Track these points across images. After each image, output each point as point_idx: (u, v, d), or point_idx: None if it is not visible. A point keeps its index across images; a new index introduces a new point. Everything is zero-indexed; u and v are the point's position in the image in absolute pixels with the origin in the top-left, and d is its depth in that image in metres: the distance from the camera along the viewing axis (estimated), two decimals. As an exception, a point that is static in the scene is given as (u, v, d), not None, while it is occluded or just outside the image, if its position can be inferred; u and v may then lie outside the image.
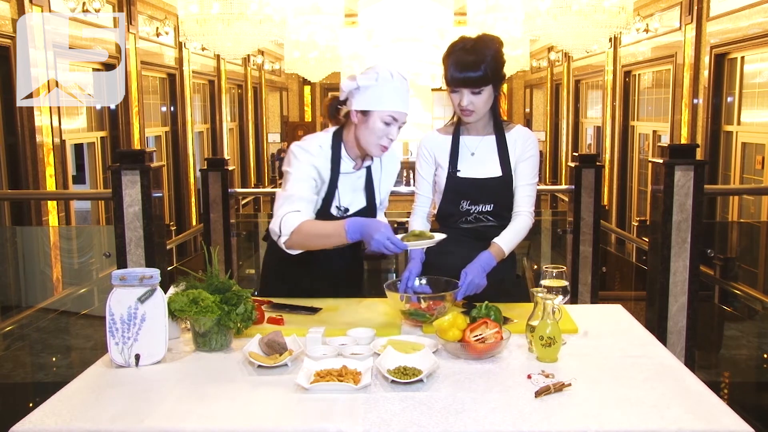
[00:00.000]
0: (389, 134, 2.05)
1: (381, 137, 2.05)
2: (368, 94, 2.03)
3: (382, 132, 2.04)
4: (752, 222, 6.17)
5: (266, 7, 4.74)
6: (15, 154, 5.53)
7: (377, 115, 2.03)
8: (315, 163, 2.08)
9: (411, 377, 1.56)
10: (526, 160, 2.22)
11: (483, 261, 2.07)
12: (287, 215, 2.00)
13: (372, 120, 2.03)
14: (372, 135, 2.05)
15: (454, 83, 2.13)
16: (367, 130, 2.05)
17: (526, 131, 2.28)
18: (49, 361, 4.24)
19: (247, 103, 12.62)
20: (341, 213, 2.16)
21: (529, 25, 4.98)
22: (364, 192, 2.22)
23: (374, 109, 2.03)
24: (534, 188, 2.24)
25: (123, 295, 1.73)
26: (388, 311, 2.11)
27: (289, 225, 1.98)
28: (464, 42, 2.14)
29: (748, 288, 3.96)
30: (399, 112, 2.04)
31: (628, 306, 2.23)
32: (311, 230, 1.99)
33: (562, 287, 1.92)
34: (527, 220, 2.21)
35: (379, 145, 2.07)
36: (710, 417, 1.42)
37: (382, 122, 2.03)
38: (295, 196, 2.03)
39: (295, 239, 1.99)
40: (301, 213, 2.01)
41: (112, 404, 1.49)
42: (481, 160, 2.23)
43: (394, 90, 2.02)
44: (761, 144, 6.25)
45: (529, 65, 10.50)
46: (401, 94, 2.04)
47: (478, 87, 2.10)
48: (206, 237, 4.12)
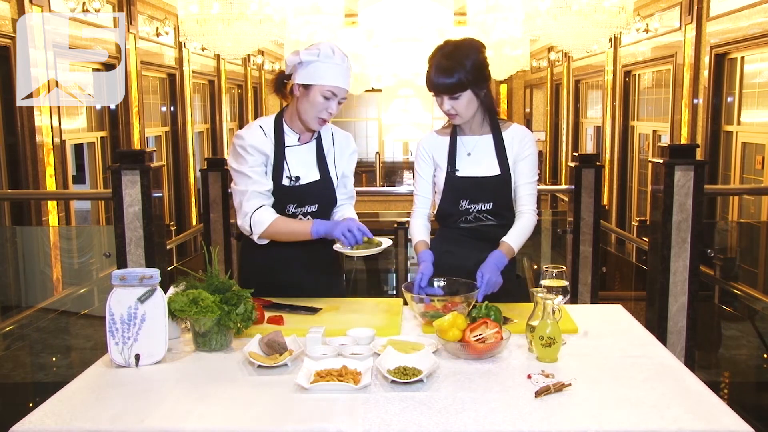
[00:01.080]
0: (328, 108, 2.14)
1: (320, 111, 2.14)
2: (310, 69, 2.11)
3: (322, 106, 2.13)
4: (752, 222, 6.17)
5: (266, 7, 4.74)
6: (15, 154, 5.53)
7: (318, 90, 2.11)
8: (254, 143, 2.15)
9: (411, 377, 1.56)
10: (525, 159, 2.23)
11: (497, 259, 2.10)
12: (254, 213, 2.14)
13: (312, 94, 2.12)
14: (312, 108, 2.13)
15: (432, 89, 2.18)
16: (308, 104, 2.13)
17: (522, 129, 2.29)
18: (49, 361, 4.24)
19: (247, 103, 12.62)
20: (293, 182, 2.21)
21: (529, 25, 4.97)
22: (317, 166, 2.27)
23: (315, 84, 2.11)
24: (535, 186, 2.25)
25: (123, 295, 1.73)
26: (389, 311, 2.11)
27: (260, 224, 2.14)
28: (444, 47, 2.17)
29: (748, 288, 3.96)
30: (338, 87, 2.13)
31: (628, 306, 2.23)
32: (280, 229, 2.15)
33: (562, 287, 1.92)
34: (532, 218, 2.23)
35: (317, 118, 2.15)
36: (710, 417, 1.42)
37: (322, 96, 2.11)
38: (251, 191, 2.14)
39: (266, 234, 2.16)
40: (265, 207, 2.15)
41: (112, 404, 1.49)
42: (479, 159, 2.24)
43: (334, 66, 2.11)
44: (761, 144, 6.25)
45: (529, 65, 10.48)
46: (342, 71, 2.13)
47: (455, 93, 2.14)
48: (206, 237, 4.12)
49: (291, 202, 2.22)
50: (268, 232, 2.15)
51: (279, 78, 2.24)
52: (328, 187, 2.27)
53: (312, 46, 2.14)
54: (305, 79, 2.12)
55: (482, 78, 2.17)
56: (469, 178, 2.23)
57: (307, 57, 2.10)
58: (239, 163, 2.17)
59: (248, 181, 2.15)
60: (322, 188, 2.25)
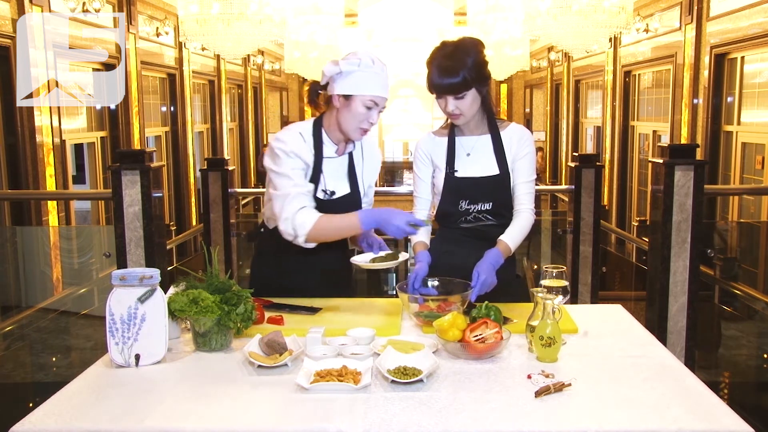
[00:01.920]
0: (370, 118, 2.11)
1: (362, 121, 2.10)
2: (350, 79, 2.07)
3: (363, 116, 2.10)
4: (752, 222, 6.17)
5: (266, 7, 4.74)
6: (15, 154, 5.53)
7: (359, 100, 2.08)
8: (296, 150, 2.12)
9: (411, 377, 1.56)
10: (523, 158, 2.24)
11: (492, 259, 2.10)
12: (297, 215, 2.07)
13: (354, 104, 2.08)
14: (353, 119, 2.10)
15: (435, 90, 2.17)
16: (349, 114, 2.10)
17: (521, 129, 2.29)
18: (49, 361, 4.24)
19: (247, 103, 12.62)
20: (327, 196, 2.19)
21: (529, 25, 4.98)
22: (348, 178, 2.25)
23: (356, 94, 2.08)
24: (533, 185, 2.26)
25: (123, 295, 1.73)
26: (389, 311, 2.11)
27: (304, 225, 2.06)
28: (444, 48, 2.16)
29: (748, 288, 3.96)
30: (380, 96, 2.10)
31: (628, 306, 2.23)
32: (327, 226, 2.08)
33: (562, 287, 1.92)
34: (529, 217, 2.23)
35: (359, 128, 2.12)
36: (710, 417, 1.42)
37: (363, 106, 2.08)
38: (293, 193, 2.08)
39: (312, 235, 2.08)
40: (307, 208, 2.08)
41: (112, 404, 1.49)
42: (478, 159, 2.24)
43: (375, 75, 2.08)
44: (761, 144, 6.25)
45: (529, 65, 10.49)
46: (382, 79, 2.10)
47: (460, 93, 2.13)
48: (206, 237, 4.12)
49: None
50: (313, 233, 2.07)
51: (313, 88, 2.20)
52: (356, 201, 2.25)
53: (350, 55, 2.11)
54: (346, 90, 2.08)
55: (484, 76, 2.17)
56: (468, 178, 2.24)
57: (347, 67, 2.07)
58: (279, 165, 2.11)
59: (289, 182, 2.09)
60: (351, 202, 2.22)
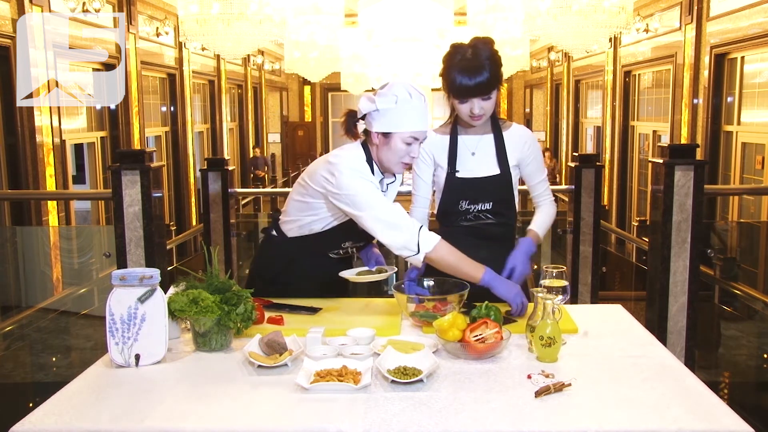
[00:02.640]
0: (411, 153, 2.06)
1: (403, 156, 2.06)
2: (388, 117, 2.02)
3: (404, 152, 2.05)
4: (752, 222, 6.17)
5: (266, 7, 4.74)
6: (15, 154, 5.53)
7: (398, 137, 2.03)
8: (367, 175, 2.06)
9: (411, 377, 1.56)
10: (532, 162, 2.29)
11: (525, 247, 2.18)
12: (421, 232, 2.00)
13: (394, 141, 2.04)
14: (394, 155, 2.06)
15: (464, 94, 2.13)
16: (390, 152, 2.06)
17: (524, 131, 2.32)
18: (49, 361, 4.24)
19: (247, 103, 12.63)
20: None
21: (529, 25, 4.97)
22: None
23: (395, 131, 2.02)
24: (546, 181, 2.36)
25: (123, 295, 1.73)
26: (389, 311, 2.11)
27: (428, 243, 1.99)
28: (461, 51, 2.13)
29: (748, 288, 3.96)
30: (420, 131, 2.05)
31: (628, 306, 2.23)
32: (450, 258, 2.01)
33: (562, 287, 1.92)
34: (552, 205, 2.34)
35: (401, 163, 2.08)
36: (710, 417, 1.42)
37: (403, 143, 2.04)
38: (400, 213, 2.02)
39: (434, 254, 2.00)
40: (424, 227, 2.04)
41: (112, 404, 1.49)
42: (480, 159, 2.25)
43: (413, 110, 2.02)
44: (761, 144, 6.25)
45: (529, 65, 10.49)
46: (420, 113, 2.04)
47: (488, 93, 2.12)
48: (206, 237, 4.12)
49: (351, 239, 2.23)
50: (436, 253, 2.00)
51: (350, 118, 2.14)
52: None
53: (386, 90, 2.03)
54: (384, 128, 2.03)
55: (502, 73, 2.19)
56: (469, 179, 2.25)
57: (384, 105, 2.01)
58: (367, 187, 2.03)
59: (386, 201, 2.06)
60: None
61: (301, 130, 16.89)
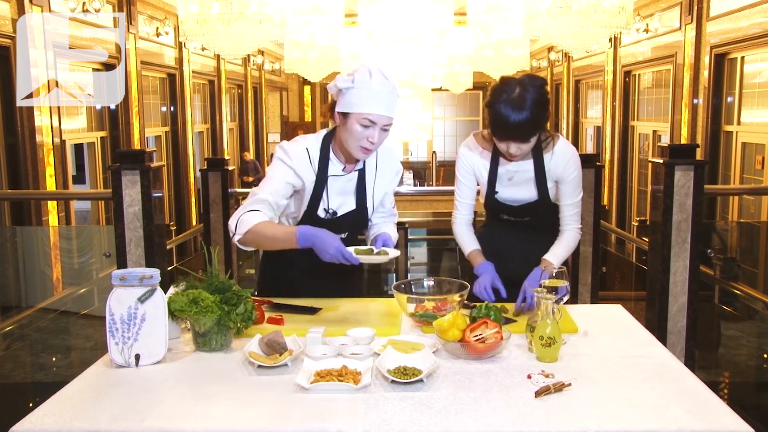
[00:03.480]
0: (369, 137, 2.01)
1: (360, 139, 2.01)
2: (346, 97, 2.00)
3: (361, 134, 2.00)
4: (752, 222, 6.17)
5: (266, 7, 4.73)
6: (15, 154, 5.53)
7: (354, 118, 1.99)
8: (294, 166, 2.07)
9: (411, 377, 1.56)
10: (569, 182, 2.25)
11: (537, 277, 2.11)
12: (245, 214, 2.01)
13: (350, 122, 2.00)
14: (351, 137, 2.02)
15: (501, 136, 2.11)
16: (347, 132, 2.02)
17: (565, 152, 2.23)
18: (49, 361, 4.24)
19: (247, 103, 12.62)
20: (329, 215, 2.14)
21: (529, 25, 4.97)
22: (355, 195, 2.19)
23: (351, 111, 2.00)
24: (578, 204, 2.30)
25: (123, 295, 1.73)
26: (389, 311, 2.11)
27: (244, 225, 1.99)
28: (508, 88, 2.05)
29: (748, 288, 3.96)
30: (376, 114, 1.98)
31: (628, 306, 2.23)
32: (262, 231, 1.99)
33: (562, 287, 1.92)
34: (575, 235, 2.29)
35: (359, 147, 2.03)
36: (710, 417, 1.42)
37: (360, 125, 1.99)
38: (260, 196, 2.05)
39: (249, 238, 2.01)
40: (259, 213, 2.02)
41: (112, 404, 1.49)
42: (519, 185, 2.28)
43: (370, 92, 1.98)
44: (761, 144, 6.25)
45: (529, 65, 10.47)
46: (380, 96, 1.98)
47: (527, 139, 2.10)
48: (206, 237, 4.12)
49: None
50: (249, 236, 2.00)
51: (332, 104, 2.11)
52: (362, 216, 2.21)
53: (357, 69, 2.02)
54: (343, 107, 2.02)
55: (547, 115, 2.12)
56: (508, 200, 2.31)
57: (343, 84, 1.99)
58: (273, 169, 2.09)
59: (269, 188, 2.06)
60: (355, 217, 2.19)
61: (301, 130, 16.87)
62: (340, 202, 2.16)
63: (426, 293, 2.09)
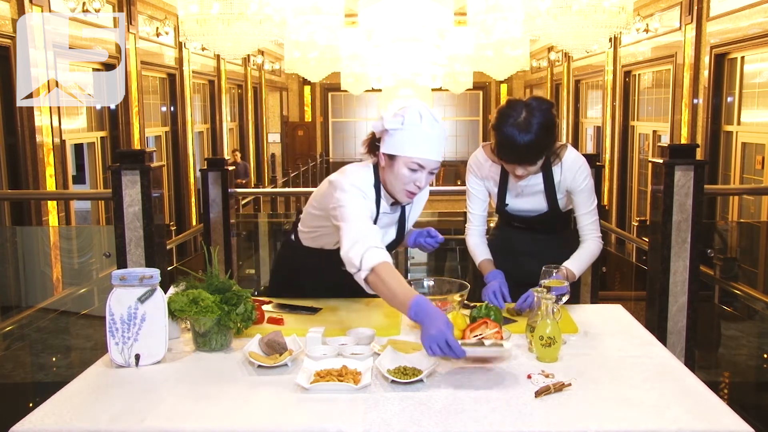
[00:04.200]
0: (416, 181, 1.94)
1: (407, 183, 1.94)
2: (395, 138, 1.92)
3: (408, 178, 1.93)
4: (752, 222, 6.17)
5: (266, 7, 4.73)
6: (15, 154, 5.53)
7: (402, 161, 1.92)
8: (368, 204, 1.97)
9: (411, 377, 1.56)
10: (581, 192, 2.24)
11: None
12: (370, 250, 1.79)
13: (397, 165, 1.93)
14: (397, 180, 1.95)
15: (506, 159, 2.12)
16: (393, 176, 1.95)
17: (574, 162, 2.21)
18: (49, 361, 4.24)
19: (247, 103, 12.62)
20: None
21: (529, 25, 4.97)
22: (396, 226, 2.18)
23: (399, 155, 1.92)
24: (595, 212, 2.28)
25: (123, 295, 1.73)
26: (389, 311, 2.11)
27: (371, 260, 1.78)
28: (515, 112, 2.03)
29: (748, 288, 3.96)
30: (425, 159, 1.91)
31: (628, 306, 2.24)
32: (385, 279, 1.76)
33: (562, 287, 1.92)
34: (595, 245, 2.28)
35: (404, 190, 1.97)
36: (710, 417, 1.42)
37: (407, 168, 1.92)
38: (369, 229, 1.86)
39: (371, 278, 1.79)
40: (380, 249, 1.82)
41: (112, 404, 1.49)
42: (529, 197, 2.29)
43: (420, 134, 1.90)
44: (761, 144, 6.25)
45: (529, 65, 10.49)
46: (430, 139, 1.91)
47: (533, 162, 2.12)
48: (206, 237, 4.12)
49: None
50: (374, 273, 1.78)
51: (371, 140, 2.03)
52: (398, 242, 2.21)
53: (400, 109, 1.94)
54: (390, 149, 1.93)
55: (553, 140, 2.11)
56: (519, 211, 2.33)
57: (391, 125, 1.91)
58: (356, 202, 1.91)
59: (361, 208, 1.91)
60: (392, 245, 2.18)
61: (301, 130, 16.88)
62: (384, 233, 2.13)
63: (426, 293, 2.09)
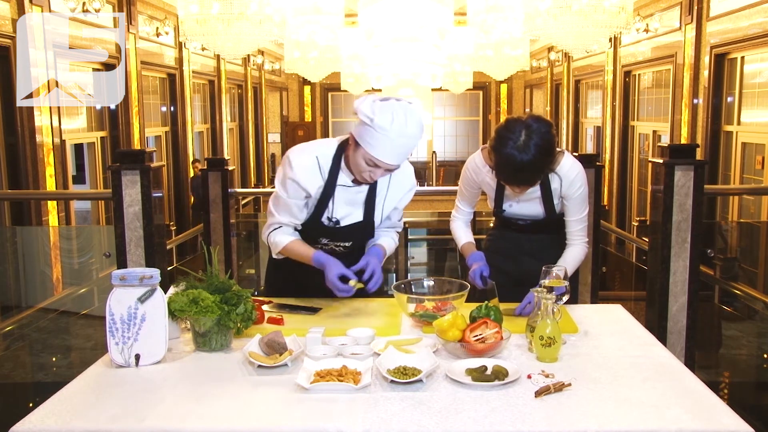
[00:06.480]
0: (371, 173, 1.98)
1: (362, 171, 1.99)
2: (361, 129, 1.94)
3: (363, 168, 1.98)
4: (752, 222, 6.17)
5: (266, 7, 4.73)
6: (15, 154, 5.53)
7: (362, 152, 1.95)
8: (298, 178, 2.03)
9: (411, 377, 1.56)
10: (574, 199, 2.25)
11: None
12: (272, 234, 2.16)
13: (358, 153, 1.97)
14: (356, 166, 2.00)
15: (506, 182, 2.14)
16: (353, 159, 2.00)
17: (570, 170, 2.21)
18: (49, 361, 4.24)
19: (247, 103, 12.61)
20: (332, 224, 2.13)
21: (529, 25, 4.97)
22: (363, 207, 2.15)
23: (361, 145, 1.95)
24: (585, 220, 2.31)
25: (123, 295, 1.73)
26: (389, 311, 2.11)
27: (276, 245, 2.17)
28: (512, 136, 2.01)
29: (748, 288, 3.96)
30: (383, 162, 1.94)
31: (628, 306, 2.24)
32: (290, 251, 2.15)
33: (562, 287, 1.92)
34: (582, 249, 2.31)
35: (361, 174, 2.01)
36: (710, 417, 1.42)
37: (364, 160, 1.95)
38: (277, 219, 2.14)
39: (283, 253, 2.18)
40: (282, 228, 2.15)
41: (112, 404, 1.49)
42: (525, 204, 2.30)
43: (384, 138, 1.90)
44: (761, 144, 6.25)
45: (529, 65, 10.49)
46: (393, 146, 1.91)
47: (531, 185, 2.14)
48: (206, 237, 4.12)
49: (325, 236, 2.16)
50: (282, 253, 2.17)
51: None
52: (368, 228, 2.18)
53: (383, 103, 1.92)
54: (356, 134, 1.96)
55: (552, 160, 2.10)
56: (516, 217, 2.35)
57: (363, 116, 1.91)
58: (281, 185, 2.08)
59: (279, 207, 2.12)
60: (361, 229, 2.17)
61: (301, 130, 16.87)
62: (347, 212, 2.13)
63: (426, 293, 2.10)
